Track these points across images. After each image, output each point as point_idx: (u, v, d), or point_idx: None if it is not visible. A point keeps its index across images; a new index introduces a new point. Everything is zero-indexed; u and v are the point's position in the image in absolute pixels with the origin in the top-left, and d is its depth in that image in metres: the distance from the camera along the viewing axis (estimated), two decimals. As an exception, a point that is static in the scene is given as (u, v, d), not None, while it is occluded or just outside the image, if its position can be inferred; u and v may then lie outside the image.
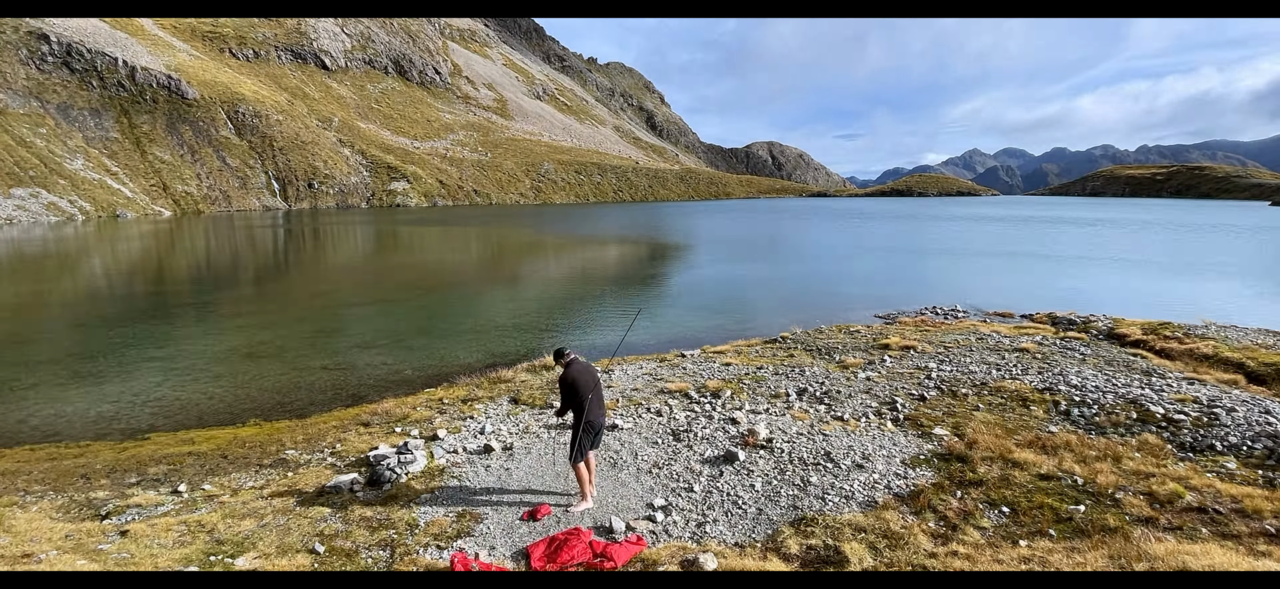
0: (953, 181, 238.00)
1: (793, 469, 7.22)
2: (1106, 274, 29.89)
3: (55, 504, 7.30)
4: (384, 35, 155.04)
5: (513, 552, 5.85)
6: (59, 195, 69.50)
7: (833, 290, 25.34)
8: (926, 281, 27.34)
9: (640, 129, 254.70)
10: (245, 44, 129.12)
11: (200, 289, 27.02)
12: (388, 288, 26.91)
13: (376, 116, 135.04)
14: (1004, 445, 7.38)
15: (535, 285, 27.84)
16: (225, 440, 9.66)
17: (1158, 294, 24.17)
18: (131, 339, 17.41)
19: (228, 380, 13.58)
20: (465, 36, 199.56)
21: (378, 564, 5.65)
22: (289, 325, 19.25)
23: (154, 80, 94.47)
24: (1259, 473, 6.56)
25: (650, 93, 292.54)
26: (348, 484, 7.29)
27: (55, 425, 10.98)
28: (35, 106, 79.82)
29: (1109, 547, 4.93)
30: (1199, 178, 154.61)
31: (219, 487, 7.71)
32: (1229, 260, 35.36)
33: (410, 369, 14.27)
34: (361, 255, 41.47)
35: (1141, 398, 8.91)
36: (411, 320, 19.82)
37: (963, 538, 5.51)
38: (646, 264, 35.12)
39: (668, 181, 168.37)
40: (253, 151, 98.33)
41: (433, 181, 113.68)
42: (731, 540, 5.86)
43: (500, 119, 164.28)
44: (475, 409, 10.19)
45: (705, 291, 25.06)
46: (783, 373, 11.43)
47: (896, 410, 9.03)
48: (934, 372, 10.95)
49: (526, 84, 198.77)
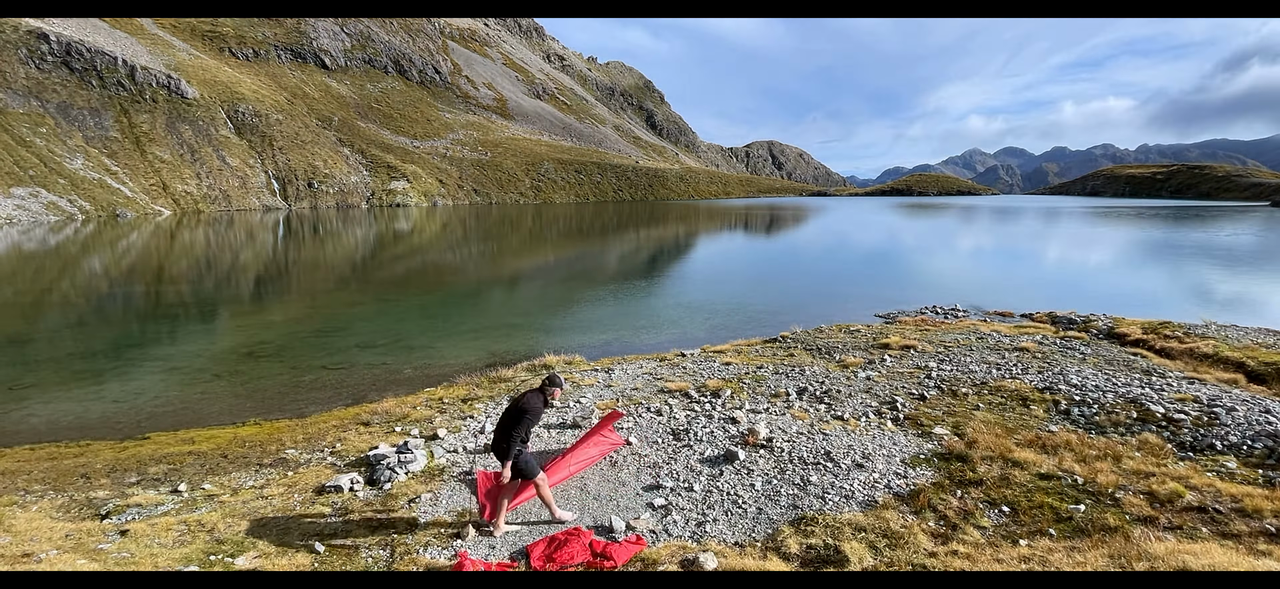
0: (953, 181, 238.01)
1: (793, 468, 7.21)
2: (1106, 274, 29.88)
3: (55, 503, 7.30)
4: (384, 35, 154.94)
5: (512, 551, 5.85)
6: (59, 195, 69.49)
7: (833, 290, 25.34)
8: (926, 281, 27.33)
9: (640, 128, 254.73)
10: (245, 43, 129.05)
11: (200, 289, 27.01)
12: (388, 288, 26.90)
13: (376, 116, 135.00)
14: (1004, 445, 7.38)
15: (535, 285, 27.84)
16: (225, 440, 9.66)
17: (1158, 293, 24.17)
18: (131, 339, 17.41)
19: (228, 380, 13.58)
20: (465, 36, 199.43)
21: (378, 564, 5.66)
22: (289, 325, 19.24)
23: (154, 79, 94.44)
24: (1259, 472, 6.56)
25: (650, 92, 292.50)
26: (347, 484, 7.29)
27: (55, 425, 10.97)
28: (35, 106, 79.81)
29: (1109, 546, 4.93)
30: (1199, 177, 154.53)
31: (219, 486, 7.70)
32: (1229, 260, 35.35)
33: (410, 369, 14.27)
34: (361, 255, 41.46)
35: (1141, 397, 8.91)
36: (411, 320, 19.81)
37: (963, 537, 5.51)
38: (646, 264, 35.11)
39: (668, 181, 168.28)
40: (252, 151, 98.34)
41: (432, 181, 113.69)
42: (731, 540, 5.86)
43: (500, 119, 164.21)
44: (475, 408, 10.19)
45: (705, 291, 25.05)
46: (783, 372, 11.42)
47: (896, 410, 9.03)
48: (934, 371, 10.94)
49: (526, 83, 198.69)
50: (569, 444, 8.24)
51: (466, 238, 53.31)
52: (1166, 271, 30.63)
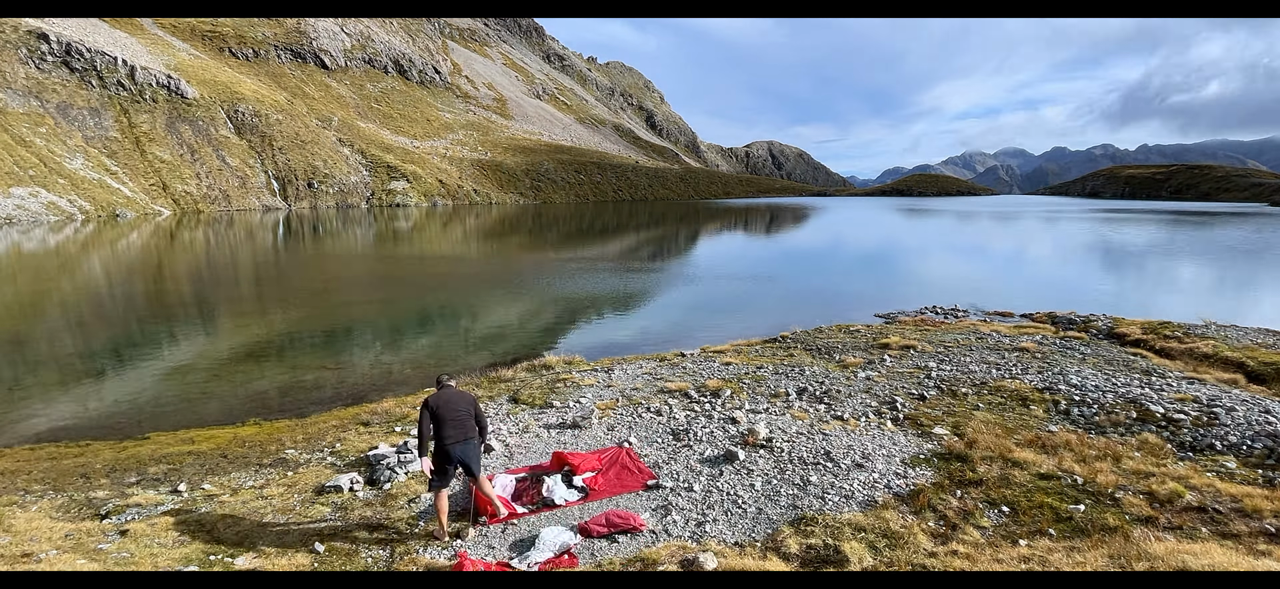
0: (952, 181, 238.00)
1: (792, 468, 7.21)
2: (1107, 273, 29.88)
3: (55, 503, 7.29)
4: (383, 35, 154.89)
5: (511, 551, 5.85)
6: (58, 194, 69.45)
7: (833, 290, 25.34)
8: (926, 281, 27.33)
9: (640, 128, 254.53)
10: (245, 43, 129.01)
11: (200, 289, 27.01)
12: (388, 288, 26.90)
13: (376, 116, 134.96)
14: (1004, 445, 7.38)
15: (535, 285, 27.83)
16: (225, 440, 9.66)
17: (1158, 293, 24.17)
18: (131, 339, 17.40)
19: (228, 380, 13.58)
20: (465, 36, 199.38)
21: (377, 563, 5.66)
22: (289, 325, 19.24)
23: (154, 80, 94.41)
24: (1259, 472, 6.56)
25: (650, 92, 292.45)
26: (347, 483, 7.29)
27: (55, 425, 10.97)
28: (35, 106, 79.76)
29: (1109, 546, 4.92)
30: (1199, 177, 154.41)
31: (219, 486, 7.70)
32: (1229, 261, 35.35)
33: (410, 369, 14.27)
34: (361, 255, 41.45)
35: (1141, 397, 8.91)
36: (411, 320, 19.82)
37: (962, 537, 5.51)
38: (646, 263, 35.11)
39: (668, 181, 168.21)
40: (252, 151, 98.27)
41: (432, 181, 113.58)
42: (731, 540, 5.86)
43: (500, 118, 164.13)
44: (475, 409, 10.17)
45: (705, 291, 25.06)
46: (783, 372, 11.42)
47: (896, 410, 9.03)
48: (934, 371, 10.94)
49: (526, 83, 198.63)
50: (569, 447, 8.23)
51: (466, 238, 53.30)
52: (1166, 272, 30.64)
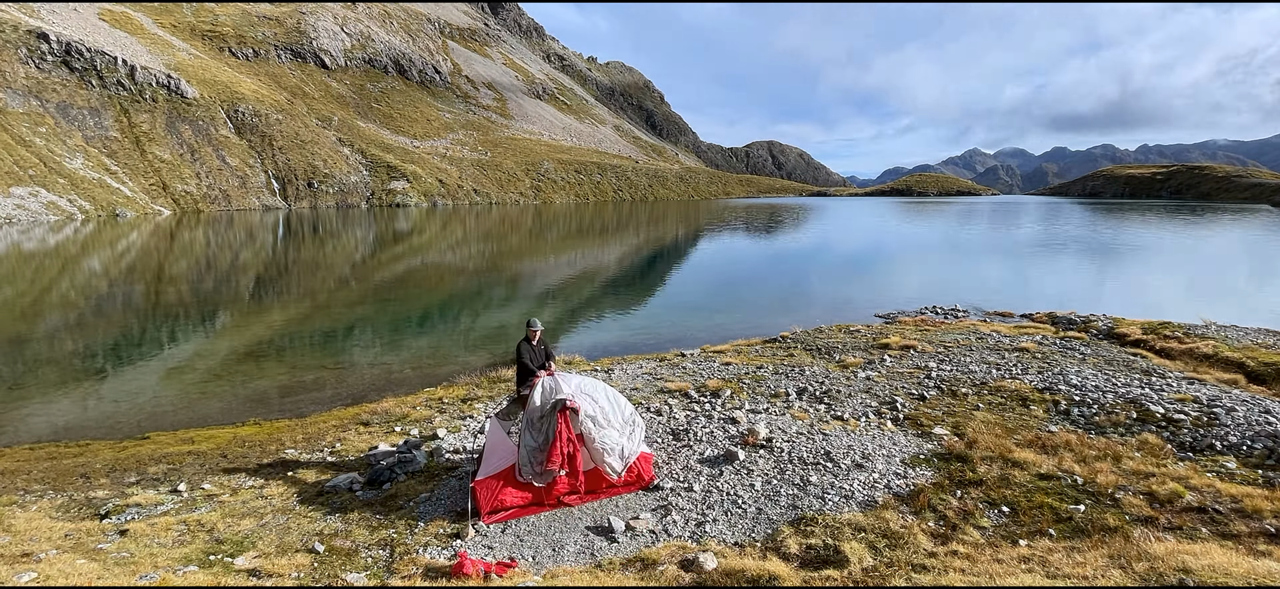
0: (952, 181, 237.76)
1: (792, 468, 7.21)
2: (1107, 273, 29.88)
3: (55, 503, 7.29)
4: (383, 34, 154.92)
5: (510, 550, 5.85)
6: (58, 194, 69.43)
7: (833, 290, 25.34)
8: (926, 281, 27.33)
9: (640, 128, 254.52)
10: (245, 43, 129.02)
11: (200, 289, 27.00)
12: (388, 288, 26.90)
13: (376, 116, 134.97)
14: (1004, 445, 7.38)
15: (535, 285, 27.83)
16: (225, 440, 9.66)
17: (1158, 293, 24.17)
18: (131, 339, 17.40)
19: (228, 380, 13.58)
20: (465, 35, 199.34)
21: (377, 563, 5.66)
22: (289, 325, 19.24)
23: (153, 79, 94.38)
24: (1259, 472, 6.56)
25: (650, 92, 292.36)
26: (347, 483, 7.29)
27: (55, 425, 10.97)
28: (35, 105, 79.74)
29: (1109, 546, 4.93)
30: (1199, 177, 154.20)
31: (219, 486, 7.70)
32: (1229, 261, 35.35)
33: (410, 369, 14.27)
34: (361, 255, 41.44)
35: (1141, 397, 8.91)
36: (411, 320, 19.82)
37: (962, 537, 5.51)
38: (646, 263, 35.11)
39: (668, 181, 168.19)
40: (252, 151, 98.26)
41: (432, 181, 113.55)
42: (731, 540, 5.86)
43: (500, 118, 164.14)
44: (475, 408, 10.19)
45: (705, 291, 25.06)
46: (782, 372, 11.42)
47: (896, 410, 9.02)
48: (934, 371, 10.94)
49: (526, 83, 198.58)
50: None
51: (466, 238, 53.29)
52: (1166, 272, 30.64)
